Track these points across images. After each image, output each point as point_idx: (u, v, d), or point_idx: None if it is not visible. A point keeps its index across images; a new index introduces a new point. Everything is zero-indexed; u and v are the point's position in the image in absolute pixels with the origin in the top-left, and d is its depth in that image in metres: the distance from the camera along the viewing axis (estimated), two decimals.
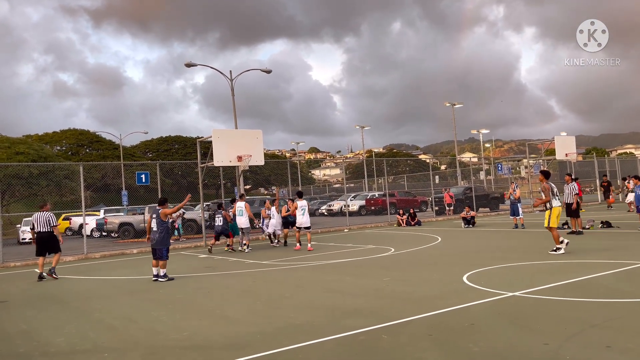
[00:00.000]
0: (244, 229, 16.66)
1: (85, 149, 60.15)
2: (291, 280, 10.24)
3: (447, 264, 10.87)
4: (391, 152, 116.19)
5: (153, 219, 11.18)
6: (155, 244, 11.03)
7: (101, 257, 17.76)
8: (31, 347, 6.10)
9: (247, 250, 16.32)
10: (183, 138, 67.16)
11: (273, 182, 67.62)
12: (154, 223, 11.09)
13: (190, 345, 5.79)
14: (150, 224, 11.26)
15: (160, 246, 11.01)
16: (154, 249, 11.10)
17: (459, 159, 49.08)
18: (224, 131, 19.83)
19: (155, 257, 11.08)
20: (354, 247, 15.70)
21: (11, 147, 43.40)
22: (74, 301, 9.31)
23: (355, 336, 5.67)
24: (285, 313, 7.11)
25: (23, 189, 37.27)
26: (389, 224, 25.12)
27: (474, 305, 6.83)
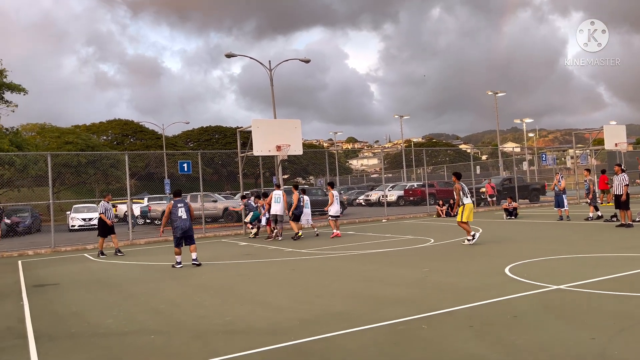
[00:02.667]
0: (279, 217, 16.88)
1: (130, 139, 62.02)
2: (330, 269, 10.30)
3: (488, 256, 10.68)
4: (430, 141, 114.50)
5: (179, 208, 11.54)
6: (189, 230, 11.53)
7: (145, 244, 18.34)
8: (82, 328, 6.39)
9: (279, 239, 16.47)
10: (223, 128, 68.24)
11: (311, 172, 67.93)
12: (183, 212, 11.51)
13: (233, 329, 5.93)
14: (170, 213, 11.59)
15: (192, 232, 11.63)
16: (186, 236, 11.54)
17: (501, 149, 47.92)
18: (263, 121, 20.03)
19: (187, 243, 11.58)
20: (392, 237, 15.63)
21: (61, 136, 45.23)
22: (121, 285, 9.67)
23: (395, 326, 5.67)
24: (324, 301, 7.17)
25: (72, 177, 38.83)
26: (428, 214, 24.84)
27: (517, 297, 6.69)
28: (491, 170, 55.86)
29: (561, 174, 20.17)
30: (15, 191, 37.18)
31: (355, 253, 12.32)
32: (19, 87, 30.85)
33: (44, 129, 46.58)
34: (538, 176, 44.49)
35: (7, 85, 30.31)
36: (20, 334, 6.23)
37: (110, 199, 15.31)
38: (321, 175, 60.34)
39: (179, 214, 11.51)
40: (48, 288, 9.76)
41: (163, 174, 42.39)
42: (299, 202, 16.62)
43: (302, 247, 14.07)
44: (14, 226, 25.64)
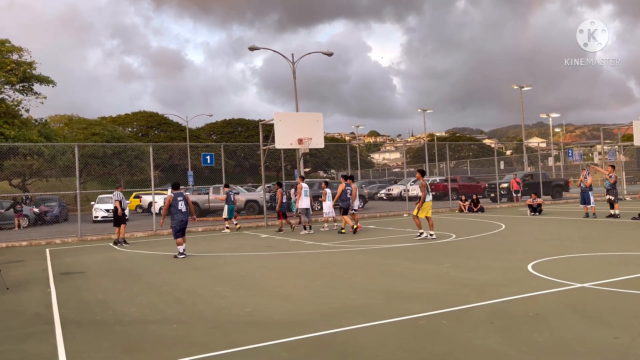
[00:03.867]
0: (306, 210, 16.93)
1: (154, 131, 62.88)
2: (350, 262, 10.31)
3: (511, 252, 10.55)
4: (454, 136, 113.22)
5: (179, 201, 11.96)
6: (186, 223, 12.15)
7: (168, 234, 18.61)
8: (107, 316, 6.54)
9: (308, 232, 16.51)
10: (246, 121, 68.67)
11: (332, 166, 67.90)
12: (183, 205, 11.98)
13: (252, 321, 6.00)
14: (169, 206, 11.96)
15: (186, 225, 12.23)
16: (183, 228, 12.05)
17: (526, 144, 47.09)
18: (285, 114, 20.07)
19: (184, 234, 12.08)
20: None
21: (88, 128, 46.12)
22: (144, 274, 9.86)
23: (415, 320, 5.66)
24: (343, 294, 7.20)
25: (98, 167, 39.61)
26: (450, 209, 24.62)
27: (539, 294, 6.61)
28: (515, 166, 54.99)
29: (588, 170, 19.72)
30: (43, 181, 38.15)
31: (376, 247, 12.31)
32: (47, 79, 31.55)
33: (71, 121, 47.59)
34: (564, 172, 43.67)
35: (36, 77, 31.02)
36: (47, 320, 6.42)
37: (122, 189, 15.84)
38: (342, 169, 60.31)
39: (179, 207, 11.94)
40: (75, 276, 10.01)
41: (186, 165, 42.90)
42: (344, 194, 15.94)
43: (323, 241, 14.11)
44: (42, 215, 26.33)
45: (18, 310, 7.13)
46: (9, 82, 29.55)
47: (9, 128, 28.05)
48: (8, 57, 29.46)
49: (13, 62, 29.36)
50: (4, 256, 13.66)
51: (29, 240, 17.32)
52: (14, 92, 31.19)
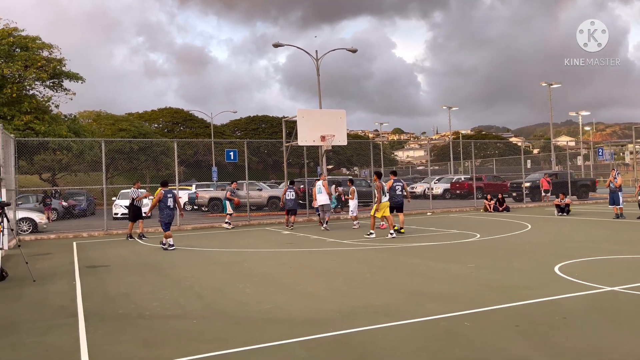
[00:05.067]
0: (324, 206, 16.91)
1: (180, 127, 63.64)
2: (372, 261, 10.22)
3: (537, 253, 10.30)
4: (480, 134, 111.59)
5: (168, 198, 12.84)
6: (172, 218, 13.06)
7: (192, 229, 18.81)
8: (129, 309, 6.61)
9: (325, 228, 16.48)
10: (269, 118, 68.90)
11: (355, 163, 67.66)
12: (171, 202, 12.86)
13: (272, 318, 5.97)
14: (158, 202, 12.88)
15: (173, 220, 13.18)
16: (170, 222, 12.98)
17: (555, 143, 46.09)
18: (308, 111, 20.05)
19: (169, 228, 12.95)
20: (437, 231, 15.35)
21: (115, 124, 46.94)
22: (167, 269, 9.94)
23: (437, 321, 5.54)
24: (364, 293, 7.12)
25: (125, 162, 40.29)
26: (475, 208, 24.25)
27: (566, 297, 6.41)
28: (542, 165, 53.90)
29: (617, 170, 19.17)
30: (72, 175, 39.01)
31: (398, 246, 12.18)
32: (77, 75, 32.14)
33: (99, 116, 48.50)
34: (593, 172, 42.60)
35: (65, 73, 31.64)
36: (72, 313, 6.51)
37: (139, 186, 16.31)
38: (366, 166, 60.04)
39: (168, 203, 12.83)
40: (100, 269, 10.16)
41: (211, 161, 43.30)
42: (393, 191, 14.65)
43: (344, 238, 14.04)
44: (70, 209, 26.92)
45: (43, 303, 7.26)
46: (40, 78, 30.20)
47: (39, 123, 28.70)
48: (38, 53, 30.10)
49: (43, 59, 29.99)
50: (33, 249, 13.98)
51: (57, 234, 17.70)
52: (44, 88, 31.89)
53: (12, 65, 27.92)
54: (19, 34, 29.89)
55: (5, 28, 29.38)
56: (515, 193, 28.80)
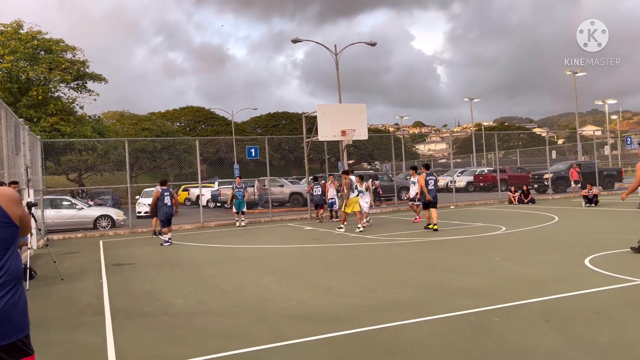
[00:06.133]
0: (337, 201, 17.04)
1: (201, 125, 64.23)
2: (396, 255, 10.11)
3: (565, 245, 10.04)
4: (502, 125, 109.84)
5: (166, 196, 13.48)
6: (171, 215, 13.61)
7: (215, 226, 18.94)
8: (154, 307, 6.65)
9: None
10: (289, 114, 69.01)
11: (376, 157, 67.32)
12: (168, 200, 13.50)
13: (297, 314, 5.93)
14: (157, 200, 13.56)
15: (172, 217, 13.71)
16: (169, 220, 13.56)
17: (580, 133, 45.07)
18: (328, 106, 19.93)
19: (168, 225, 13.58)
20: (461, 224, 15.13)
21: (138, 123, 47.58)
22: (191, 266, 10.01)
23: (465, 317, 5.43)
24: (390, 288, 7.03)
25: (148, 161, 40.84)
26: (500, 201, 23.86)
27: (598, 291, 6.22)
28: (568, 155, 52.75)
29: None
30: (98, 175, 39.71)
31: (421, 240, 12.03)
32: (100, 76, 32.65)
33: (122, 116, 49.23)
34: (621, 161, 41.50)
35: (89, 75, 32.16)
36: (98, 311, 6.59)
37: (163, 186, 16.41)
38: (387, 160, 59.66)
39: (165, 201, 13.47)
40: (125, 267, 10.29)
41: (232, 159, 43.55)
42: (426, 185, 13.78)
43: (367, 233, 13.94)
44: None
45: (71, 300, 7.37)
46: (64, 80, 30.76)
47: (65, 125, 29.25)
48: (62, 56, 30.66)
49: (67, 61, 30.53)
50: (60, 248, 14.24)
51: (84, 232, 18.01)
52: (69, 89, 32.49)
53: (37, 68, 28.48)
54: (43, 37, 30.46)
55: (30, 31, 29.97)
56: (537, 185, 28.22)
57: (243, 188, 18.40)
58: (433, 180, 13.99)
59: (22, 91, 28.77)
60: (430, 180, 13.91)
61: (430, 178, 13.96)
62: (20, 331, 2.44)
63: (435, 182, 14.10)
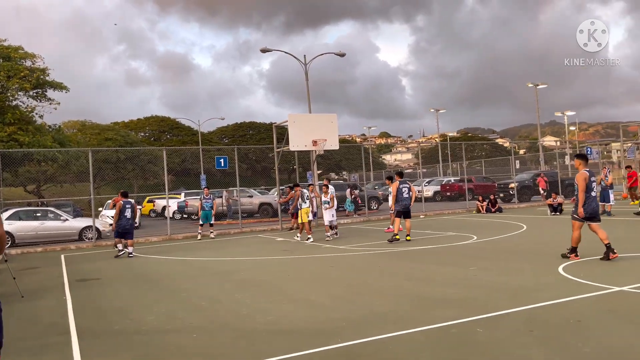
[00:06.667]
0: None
1: (166, 135, 63.01)
2: (371, 266, 10.01)
3: (538, 254, 10.17)
4: (466, 135, 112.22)
5: (127, 208, 13.43)
6: (130, 228, 13.52)
7: (183, 238, 18.46)
8: (124, 325, 6.31)
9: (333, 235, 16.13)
10: (257, 124, 68.52)
11: (344, 167, 67.54)
12: (129, 212, 13.43)
13: (277, 329, 5.73)
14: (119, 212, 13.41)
15: (132, 229, 13.66)
16: (126, 232, 13.47)
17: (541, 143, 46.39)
18: (299, 116, 19.83)
19: (127, 237, 13.51)
20: (432, 234, 15.21)
21: (101, 133, 46.29)
22: (161, 280, 9.64)
23: (447, 328, 5.35)
24: (369, 300, 6.90)
25: (112, 172, 39.68)
26: (467, 210, 24.20)
27: (576, 299, 6.26)
28: (529, 165, 54.20)
29: (608, 169, 19.30)
30: (58, 187, 38.29)
31: (394, 250, 11.99)
32: (61, 85, 31.58)
33: (84, 126, 47.79)
34: None
35: (49, 83, 31.08)
36: (63, 330, 6.20)
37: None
38: (354, 171, 59.89)
39: (125, 213, 13.40)
40: (90, 283, 9.82)
41: (199, 169, 42.83)
42: (400, 194, 13.52)
43: (340, 244, 13.82)
44: None
45: (33, 320, 6.93)
46: (23, 88, 29.61)
47: (23, 134, 28.09)
48: (21, 63, 29.54)
49: (26, 69, 29.44)
50: (19, 263, 13.54)
51: (44, 247, 17.24)
52: (28, 98, 31.27)
53: None
54: (1, 44, 29.33)
55: None
56: (502, 194, 28.80)
57: (211, 199, 18.00)
58: (407, 189, 13.80)
59: None
60: (404, 189, 13.74)
61: (404, 186, 13.78)
62: None
63: (409, 190, 13.88)
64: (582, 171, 9.01)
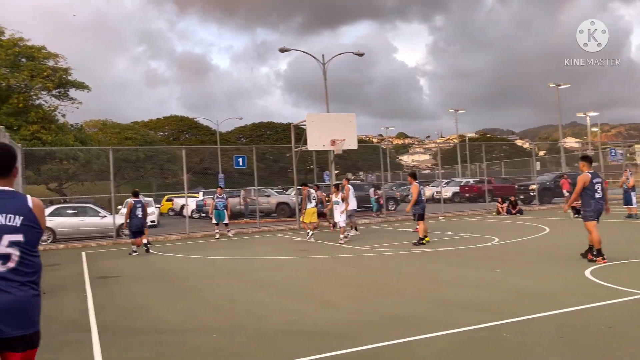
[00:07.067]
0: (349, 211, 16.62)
1: (185, 135, 63.54)
2: (392, 267, 9.87)
3: (562, 257, 9.92)
4: (484, 136, 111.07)
5: (138, 208, 13.61)
6: (141, 227, 13.71)
7: (201, 237, 18.51)
8: (144, 323, 6.29)
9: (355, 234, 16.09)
10: (274, 124, 68.71)
11: (361, 168, 67.30)
12: (140, 211, 13.61)
13: (297, 330, 5.64)
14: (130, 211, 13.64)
15: (142, 228, 13.83)
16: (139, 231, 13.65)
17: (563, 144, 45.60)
18: (318, 115, 19.75)
19: (137, 236, 13.67)
20: (452, 235, 14.99)
21: (121, 132, 46.85)
22: (180, 279, 9.63)
23: (472, 333, 5.19)
24: (391, 302, 6.77)
25: (131, 171, 40.14)
26: (487, 212, 23.85)
27: (606, 305, 6.04)
28: (549, 166, 53.36)
29: (630, 171, 18.87)
30: (79, 185, 38.83)
31: (415, 251, 11.82)
32: (83, 84, 31.99)
33: (105, 125, 48.40)
34: (604, 172, 42.04)
35: (71, 82, 31.50)
36: (84, 328, 6.20)
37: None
38: (371, 171, 59.64)
39: (136, 213, 13.57)
40: (110, 280, 9.86)
41: (217, 168, 43.05)
42: (420, 196, 13.08)
43: (359, 244, 13.69)
44: None
45: (54, 317, 6.94)
46: (46, 87, 30.07)
47: (46, 133, 28.52)
48: (44, 63, 29.99)
49: (49, 68, 29.87)
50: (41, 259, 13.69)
51: (66, 244, 17.44)
52: (51, 97, 31.75)
53: (18, 76, 27.77)
54: (25, 44, 29.79)
55: (11, 38, 29.30)
56: (523, 195, 28.34)
57: (224, 198, 17.97)
58: (423, 190, 13.68)
59: (2, 99, 27.99)
60: (422, 190, 13.58)
61: (422, 188, 13.63)
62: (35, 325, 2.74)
63: (424, 192, 13.70)
64: (584, 173, 9.13)
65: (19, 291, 2.66)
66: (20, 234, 2.72)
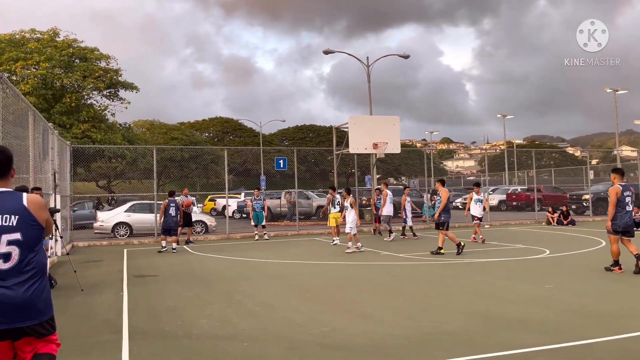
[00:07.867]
0: (385, 217, 16.32)
1: (229, 136, 64.50)
2: (434, 278, 9.39)
3: (623, 274, 9.16)
4: (533, 143, 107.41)
5: (171, 207, 14.19)
6: (175, 225, 14.32)
7: (241, 238, 18.48)
8: (176, 327, 6.11)
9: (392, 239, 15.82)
10: (317, 127, 68.75)
11: (403, 173, 66.28)
12: (173, 210, 14.22)
13: (332, 343, 5.31)
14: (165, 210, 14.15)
15: (176, 227, 14.43)
16: (172, 229, 14.21)
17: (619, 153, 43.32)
18: (361, 117, 19.41)
19: (171, 234, 14.22)
20: (499, 245, 14.28)
21: (167, 132, 47.96)
22: (216, 280, 9.48)
23: (527, 356, 4.71)
24: (433, 316, 6.34)
25: (176, 170, 40.94)
26: (536, 221, 22.79)
27: None
28: (603, 176, 50.87)
29: None
30: (126, 182, 39.94)
31: (459, 261, 11.27)
32: (132, 85, 32.88)
33: (153, 125, 49.70)
34: None
35: (121, 83, 32.42)
36: (116, 329, 6.08)
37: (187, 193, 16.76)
38: (414, 176, 58.62)
39: (170, 211, 14.16)
40: (147, 279, 9.83)
41: (259, 170, 43.32)
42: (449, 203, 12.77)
43: (398, 251, 13.22)
44: None
45: (88, 315, 6.89)
46: (97, 88, 31.08)
47: (95, 132, 29.46)
48: (96, 64, 30.99)
49: (101, 69, 30.84)
50: (84, 255, 13.95)
51: (109, 240, 17.77)
52: (101, 97, 32.81)
53: (71, 76, 28.80)
54: (78, 45, 30.87)
55: (65, 40, 30.41)
56: (574, 205, 26.95)
57: (262, 200, 17.82)
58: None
59: (56, 98, 29.10)
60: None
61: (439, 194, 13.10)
62: (44, 315, 2.87)
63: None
64: (615, 185, 8.95)
65: (22, 288, 2.76)
66: (18, 232, 2.79)
